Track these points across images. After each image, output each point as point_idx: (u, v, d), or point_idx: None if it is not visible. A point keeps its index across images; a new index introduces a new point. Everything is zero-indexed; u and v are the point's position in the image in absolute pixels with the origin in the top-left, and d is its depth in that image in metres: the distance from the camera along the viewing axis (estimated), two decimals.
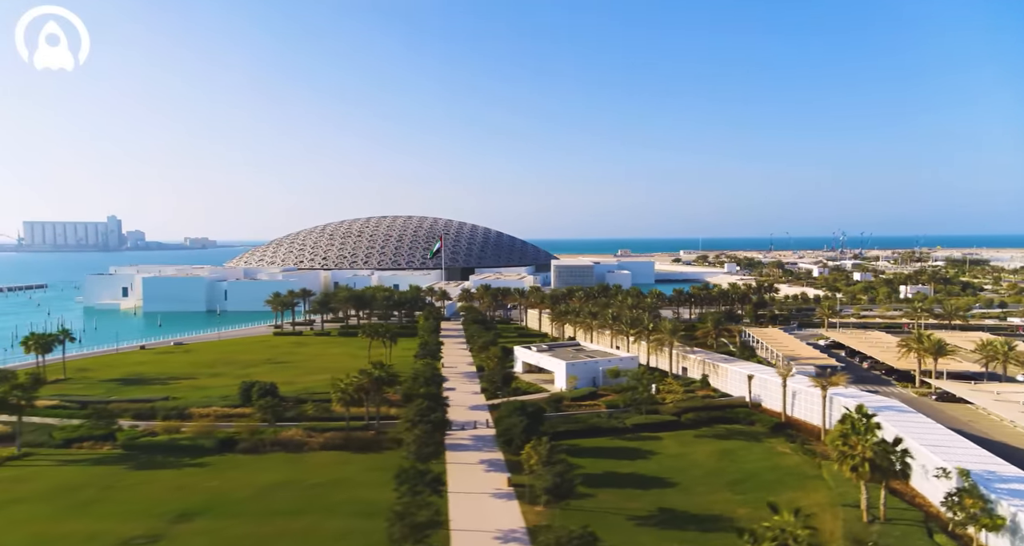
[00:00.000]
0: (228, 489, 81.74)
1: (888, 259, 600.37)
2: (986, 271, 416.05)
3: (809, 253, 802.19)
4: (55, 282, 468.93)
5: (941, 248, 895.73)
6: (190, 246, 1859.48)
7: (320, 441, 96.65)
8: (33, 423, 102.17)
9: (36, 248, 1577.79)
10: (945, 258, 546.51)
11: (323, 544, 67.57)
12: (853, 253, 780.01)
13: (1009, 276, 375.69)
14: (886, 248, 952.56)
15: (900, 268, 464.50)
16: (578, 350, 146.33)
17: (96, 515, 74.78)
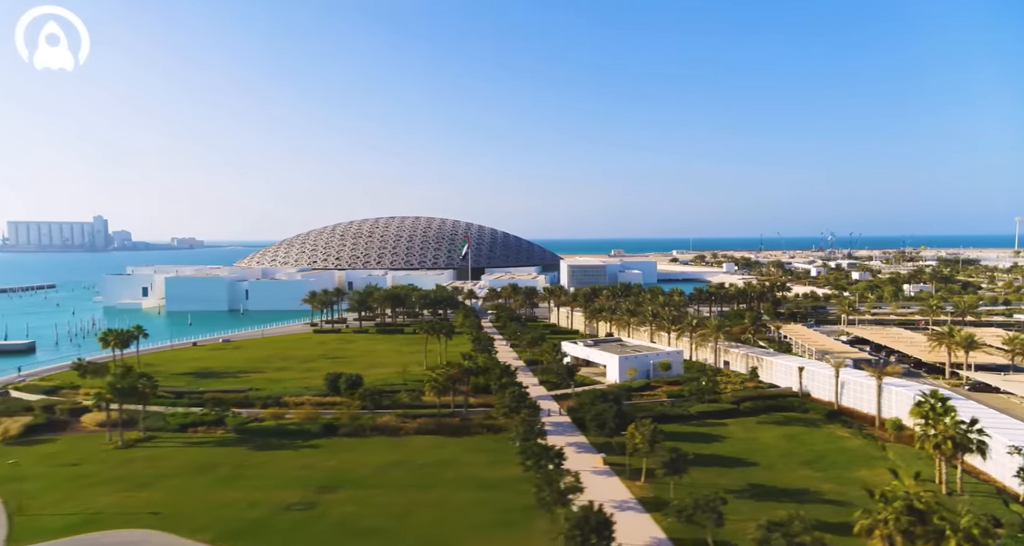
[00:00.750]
0: (349, 467, 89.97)
1: (879, 259, 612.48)
2: (980, 270, 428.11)
3: (799, 253, 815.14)
4: (62, 282, 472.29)
5: (926, 248, 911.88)
6: (178, 246, 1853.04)
7: (414, 426, 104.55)
8: (133, 409, 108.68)
9: (20, 248, 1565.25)
10: (937, 258, 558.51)
11: (460, 512, 75.49)
12: (843, 253, 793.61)
13: (1003, 275, 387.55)
14: (873, 248, 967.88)
15: (894, 268, 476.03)
16: (622, 345, 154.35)
17: (245, 487, 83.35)
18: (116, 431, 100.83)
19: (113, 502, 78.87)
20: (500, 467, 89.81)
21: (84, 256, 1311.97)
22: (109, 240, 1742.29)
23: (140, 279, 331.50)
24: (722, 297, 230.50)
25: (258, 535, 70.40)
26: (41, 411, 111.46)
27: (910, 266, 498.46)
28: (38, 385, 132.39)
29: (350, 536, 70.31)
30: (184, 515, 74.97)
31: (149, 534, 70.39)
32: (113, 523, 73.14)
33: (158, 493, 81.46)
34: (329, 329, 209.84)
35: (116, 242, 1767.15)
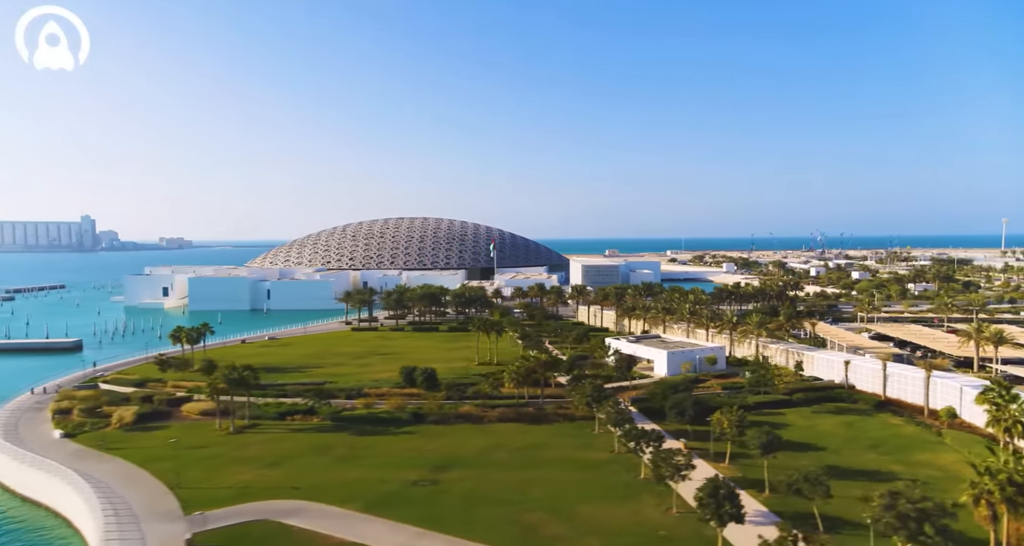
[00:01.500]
0: (452, 450, 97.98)
1: (873, 259, 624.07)
2: (975, 270, 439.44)
3: (792, 253, 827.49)
4: (70, 283, 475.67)
5: (911, 248, 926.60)
6: (166, 246, 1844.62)
7: (495, 415, 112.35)
8: (229, 400, 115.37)
9: (6, 249, 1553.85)
10: (931, 258, 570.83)
11: (569, 487, 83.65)
12: (835, 253, 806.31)
13: (998, 274, 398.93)
14: (861, 248, 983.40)
15: (889, 267, 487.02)
16: (663, 341, 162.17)
17: (365, 466, 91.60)
18: (226, 419, 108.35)
19: (253, 478, 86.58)
20: (587, 451, 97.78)
21: (73, 256, 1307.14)
22: (97, 240, 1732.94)
23: (160, 279, 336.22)
24: (741, 296, 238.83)
25: (399, 505, 78.18)
26: (140, 401, 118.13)
27: (903, 266, 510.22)
28: (125, 378, 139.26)
29: (480, 505, 78.25)
30: (322, 489, 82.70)
31: (305, 504, 77.92)
32: (263, 495, 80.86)
33: (289, 471, 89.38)
34: (366, 327, 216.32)
35: (104, 242, 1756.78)
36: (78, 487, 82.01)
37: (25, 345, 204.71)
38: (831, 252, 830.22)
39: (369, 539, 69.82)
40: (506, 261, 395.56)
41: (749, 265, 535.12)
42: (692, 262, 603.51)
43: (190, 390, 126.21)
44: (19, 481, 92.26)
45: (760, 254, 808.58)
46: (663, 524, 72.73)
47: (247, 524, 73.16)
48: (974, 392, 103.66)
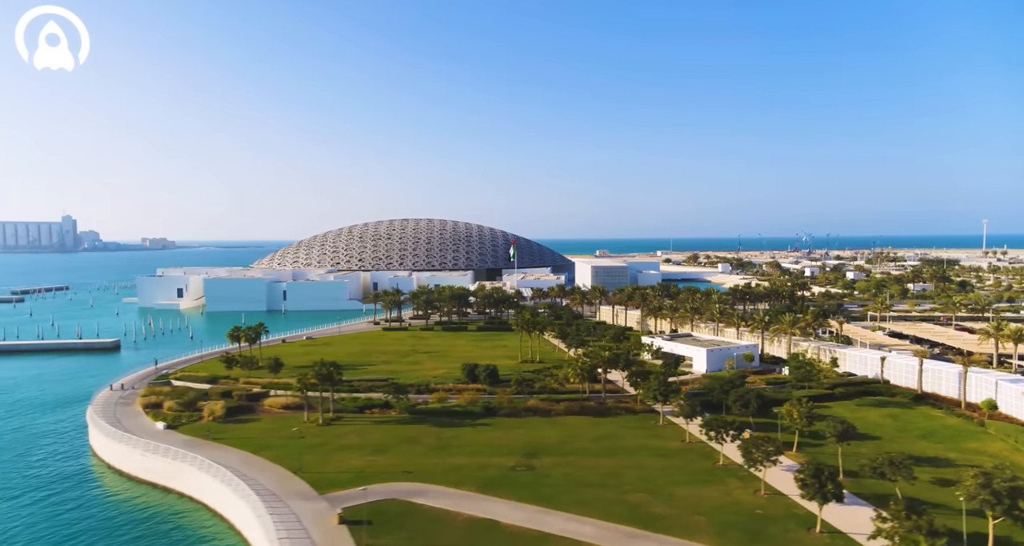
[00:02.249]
0: (533, 440, 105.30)
1: (863, 259, 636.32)
2: (965, 270, 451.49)
3: (779, 253, 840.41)
4: (72, 284, 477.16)
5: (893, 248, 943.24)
6: (150, 247, 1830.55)
7: (561, 408, 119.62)
8: (311, 395, 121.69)
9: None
10: (919, 259, 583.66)
11: (657, 472, 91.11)
12: (821, 253, 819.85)
13: (988, 274, 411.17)
14: (846, 248, 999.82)
15: (880, 268, 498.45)
16: (695, 340, 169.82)
17: (460, 454, 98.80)
18: (313, 412, 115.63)
19: (364, 464, 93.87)
20: (658, 440, 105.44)
21: (56, 257, 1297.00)
22: (78, 240, 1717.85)
23: (173, 280, 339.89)
24: (755, 296, 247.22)
25: (508, 487, 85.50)
26: (219, 396, 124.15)
27: (892, 266, 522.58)
28: (195, 375, 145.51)
29: (582, 488, 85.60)
30: (431, 474, 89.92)
31: (423, 486, 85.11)
32: (380, 479, 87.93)
33: (394, 458, 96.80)
34: (396, 327, 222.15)
35: (86, 242, 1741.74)
36: (214, 471, 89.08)
37: (66, 345, 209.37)
38: (818, 252, 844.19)
39: (496, 516, 76.87)
40: (516, 263, 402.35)
41: (743, 265, 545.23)
42: (686, 263, 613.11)
43: (264, 386, 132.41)
44: (144, 468, 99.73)
45: (747, 254, 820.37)
46: (756, 504, 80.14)
47: (381, 502, 79.98)
48: (1011, 386, 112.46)
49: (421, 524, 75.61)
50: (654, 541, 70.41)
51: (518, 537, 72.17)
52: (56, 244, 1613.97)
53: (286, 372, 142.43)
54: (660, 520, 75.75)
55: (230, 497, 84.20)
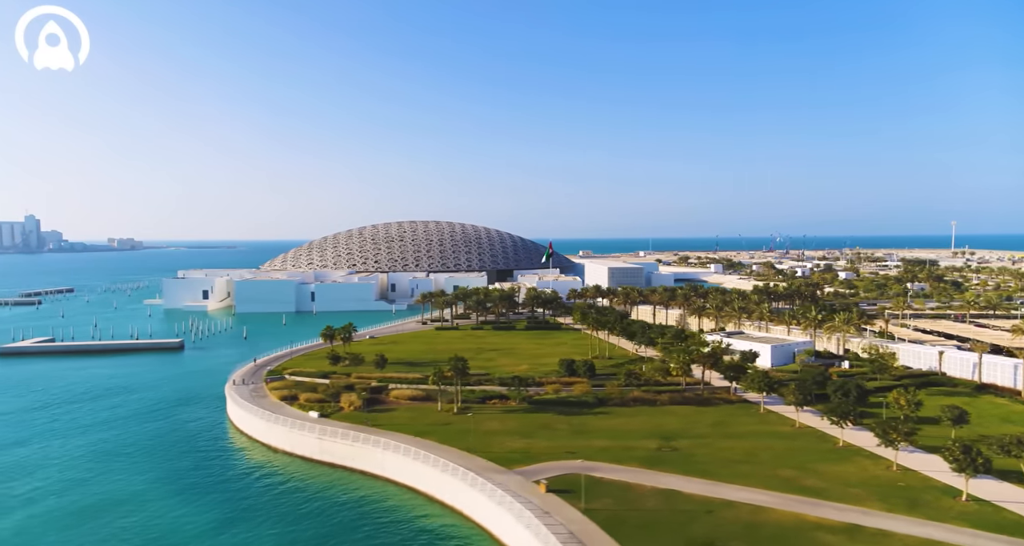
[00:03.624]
0: (658, 426, 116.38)
1: (844, 259, 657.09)
2: (948, 270, 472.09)
3: (759, 253, 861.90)
4: (79, 286, 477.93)
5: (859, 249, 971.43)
6: (119, 247, 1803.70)
7: (665, 399, 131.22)
8: (431, 388, 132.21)
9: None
10: (901, 259, 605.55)
11: (789, 452, 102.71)
12: (797, 253, 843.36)
13: (972, 274, 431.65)
14: (818, 248, 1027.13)
15: (868, 268, 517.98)
16: (749, 337, 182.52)
17: (602, 438, 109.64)
18: (447, 403, 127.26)
19: (524, 446, 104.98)
20: (770, 426, 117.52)
21: (21, 258, 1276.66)
22: (42, 241, 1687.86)
23: (198, 282, 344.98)
24: (778, 295, 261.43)
25: (666, 464, 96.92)
26: (344, 389, 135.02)
27: (874, 266, 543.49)
28: (306, 371, 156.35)
29: (731, 465, 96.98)
30: (587, 453, 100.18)
31: (590, 463, 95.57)
32: (547, 458, 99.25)
33: (547, 440, 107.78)
34: (449, 326, 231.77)
35: (51, 243, 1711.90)
36: (403, 451, 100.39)
37: (135, 345, 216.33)
38: (794, 252, 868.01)
39: (673, 487, 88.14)
40: (522, 264, 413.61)
41: (733, 266, 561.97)
42: (677, 263, 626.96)
43: (380, 380, 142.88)
44: (321, 450, 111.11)
45: (726, 254, 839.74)
46: (894, 478, 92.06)
47: (566, 476, 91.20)
48: None
49: (614, 492, 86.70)
50: (831, 508, 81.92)
51: (706, 503, 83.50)
52: (19, 245, 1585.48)
53: (364, 368, 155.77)
54: (822, 491, 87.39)
55: (428, 472, 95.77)
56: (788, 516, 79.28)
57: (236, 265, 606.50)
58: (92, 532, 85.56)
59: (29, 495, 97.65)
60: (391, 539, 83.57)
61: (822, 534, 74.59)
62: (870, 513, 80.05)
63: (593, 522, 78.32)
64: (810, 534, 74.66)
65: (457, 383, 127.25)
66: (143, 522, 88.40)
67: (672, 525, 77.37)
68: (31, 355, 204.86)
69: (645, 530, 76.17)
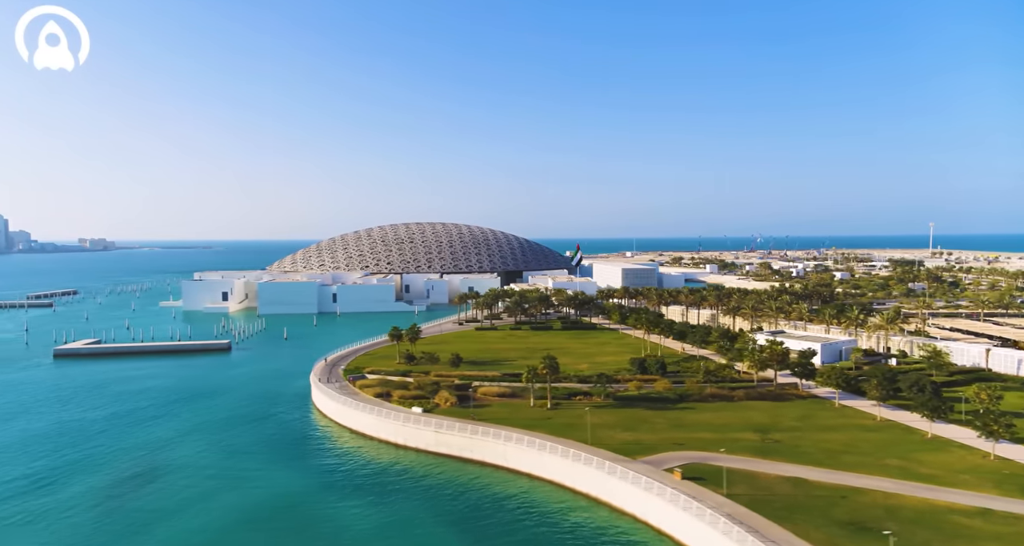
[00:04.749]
0: (748, 419, 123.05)
1: (832, 259, 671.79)
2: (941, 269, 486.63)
3: (741, 253, 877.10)
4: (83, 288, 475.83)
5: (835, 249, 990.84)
6: (91, 248, 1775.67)
7: (741, 395, 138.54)
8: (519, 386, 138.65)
9: None
10: (889, 259, 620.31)
11: (885, 444, 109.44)
12: (779, 253, 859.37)
13: (962, 274, 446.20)
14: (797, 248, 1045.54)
15: (862, 269, 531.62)
16: (790, 336, 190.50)
17: (703, 430, 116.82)
18: (539, 400, 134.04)
19: (632, 438, 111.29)
20: (851, 419, 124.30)
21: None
22: (11, 241, 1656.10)
23: (217, 284, 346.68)
24: (798, 295, 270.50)
25: (776, 454, 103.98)
26: (431, 386, 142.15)
27: (862, 266, 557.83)
28: (386, 369, 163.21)
29: (835, 455, 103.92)
30: (695, 445, 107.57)
31: (704, 453, 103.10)
32: (662, 449, 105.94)
33: (650, 434, 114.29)
34: (489, 327, 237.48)
35: (20, 243, 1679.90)
36: (527, 443, 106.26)
37: (184, 347, 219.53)
38: (777, 252, 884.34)
39: (794, 474, 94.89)
40: (531, 265, 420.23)
41: (727, 266, 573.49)
42: (670, 264, 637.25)
43: (463, 378, 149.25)
44: (438, 442, 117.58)
45: (709, 254, 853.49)
46: (996, 467, 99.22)
47: (689, 465, 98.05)
48: None
49: (744, 480, 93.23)
50: (954, 493, 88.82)
51: (835, 490, 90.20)
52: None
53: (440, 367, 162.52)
54: (936, 478, 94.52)
55: (558, 462, 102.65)
56: (918, 501, 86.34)
57: (217, 266, 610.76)
58: (292, 526, 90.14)
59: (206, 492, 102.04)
60: (549, 531, 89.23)
61: (957, 517, 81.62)
62: (993, 498, 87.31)
63: (741, 506, 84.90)
64: (946, 517, 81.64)
65: (549, 380, 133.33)
66: (324, 517, 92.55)
67: (815, 509, 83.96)
68: (85, 356, 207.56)
69: (793, 512, 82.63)
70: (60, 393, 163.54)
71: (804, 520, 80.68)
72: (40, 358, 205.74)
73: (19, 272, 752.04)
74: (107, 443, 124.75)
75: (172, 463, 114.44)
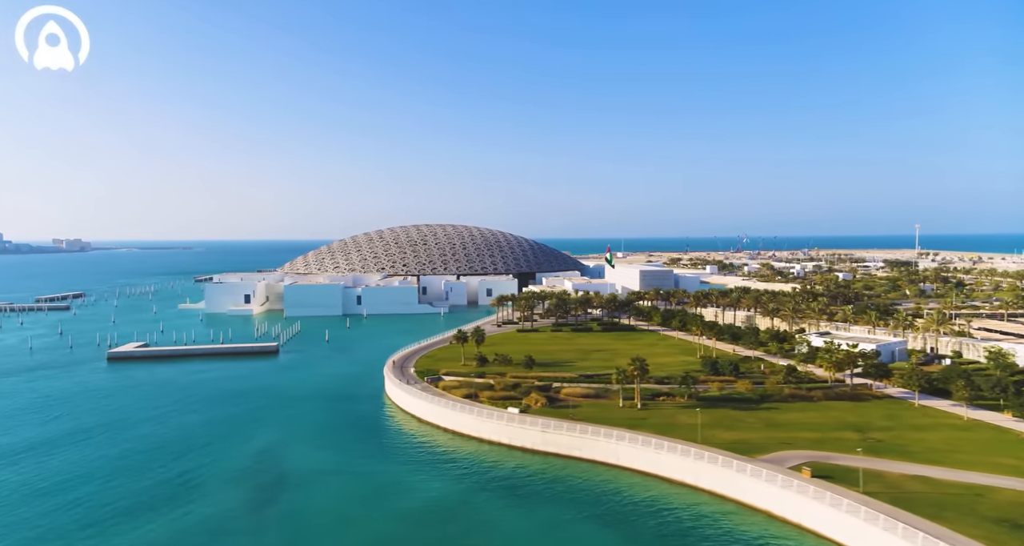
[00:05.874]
0: (837, 419, 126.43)
1: (826, 259, 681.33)
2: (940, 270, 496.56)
3: (731, 254, 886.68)
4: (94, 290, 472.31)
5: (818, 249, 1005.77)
6: (67, 249, 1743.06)
7: (819, 395, 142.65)
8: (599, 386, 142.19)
9: None
10: (884, 261, 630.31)
11: (986, 443, 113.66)
12: (768, 254, 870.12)
13: (960, 275, 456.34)
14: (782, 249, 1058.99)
15: (847, 267, 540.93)
16: (833, 337, 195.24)
17: (799, 430, 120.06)
18: (626, 400, 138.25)
19: (737, 438, 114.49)
20: (937, 418, 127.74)
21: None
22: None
23: (238, 287, 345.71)
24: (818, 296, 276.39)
25: (885, 452, 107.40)
26: (511, 387, 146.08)
27: (858, 267, 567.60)
28: (459, 370, 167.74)
29: (944, 453, 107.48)
30: (801, 444, 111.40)
31: (815, 452, 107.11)
32: (773, 448, 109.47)
33: (749, 433, 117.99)
34: (530, 329, 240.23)
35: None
36: (642, 442, 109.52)
37: (235, 349, 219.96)
38: (765, 253, 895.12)
39: (921, 473, 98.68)
40: (544, 266, 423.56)
41: (725, 267, 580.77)
42: (668, 265, 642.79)
43: (544, 379, 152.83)
44: (544, 441, 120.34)
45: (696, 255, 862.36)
46: None
47: (810, 463, 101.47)
48: None
49: (870, 478, 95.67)
50: None
51: (966, 488, 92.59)
52: None
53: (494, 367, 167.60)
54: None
55: (678, 461, 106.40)
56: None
57: (203, 267, 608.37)
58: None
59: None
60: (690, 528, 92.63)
61: None
62: None
63: (884, 503, 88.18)
64: None
65: (638, 381, 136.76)
66: (485, 519, 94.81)
67: (961, 507, 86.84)
68: (139, 359, 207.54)
69: (941, 510, 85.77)
70: (146, 398, 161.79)
71: (955, 518, 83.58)
72: (94, 361, 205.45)
73: (8, 276, 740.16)
74: (225, 449, 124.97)
75: (303, 468, 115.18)
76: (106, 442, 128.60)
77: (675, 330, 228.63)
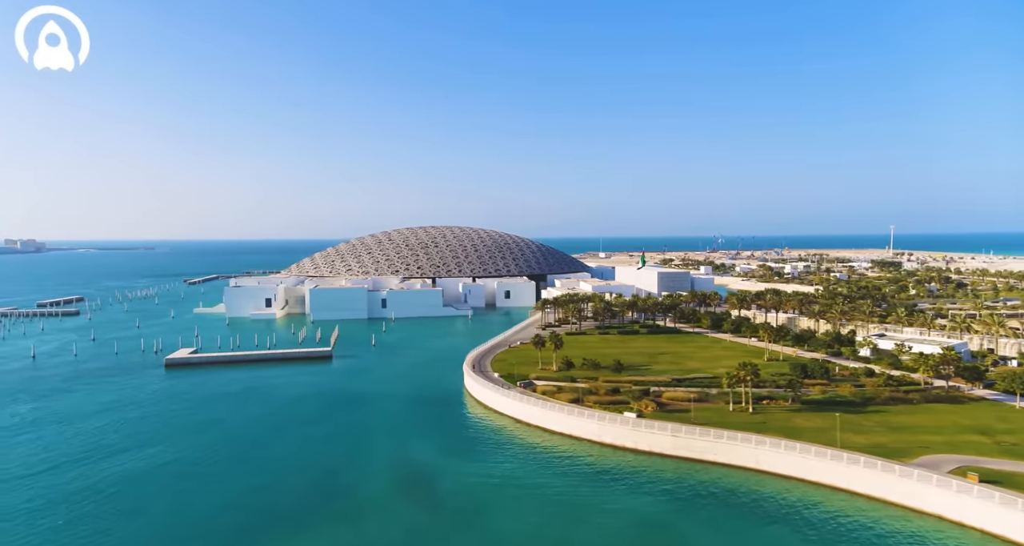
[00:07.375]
0: (952, 423, 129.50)
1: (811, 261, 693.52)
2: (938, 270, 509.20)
3: (717, 254, 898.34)
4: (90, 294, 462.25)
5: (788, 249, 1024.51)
6: (22, 249, 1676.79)
7: (917, 397, 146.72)
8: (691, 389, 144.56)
9: None
10: (871, 260, 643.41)
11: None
12: (747, 253, 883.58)
13: (955, 275, 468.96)
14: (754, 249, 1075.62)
15: (861, 270, 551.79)
16: (889, 338, 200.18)
17: (922, 433, 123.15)
18: (736, 404, 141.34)
19: (868, 442, 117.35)
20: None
21: None
22: None
23: (259, 291, 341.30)
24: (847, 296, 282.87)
25: (1015, 453, 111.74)
26: (610, 392, 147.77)
27: (843, 266, 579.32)
28: (550, 375, 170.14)
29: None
30: (936, 447, 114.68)
31: (959, 456, 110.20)
32: (908, 453, 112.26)
33: (875, 437, 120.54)
34: (578, 332, 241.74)
35: None
36: (785, 446, 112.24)
37: (287, 355, 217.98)
38: (744, 253, 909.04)
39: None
40: (554, 268, 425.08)
41: (719, 268, 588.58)
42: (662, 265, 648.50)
43: (641, 384, 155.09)
44: (675, 446, 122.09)
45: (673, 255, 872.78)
46: None
47: (963, 468, 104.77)
48: None
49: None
50: None
51: None
52: None
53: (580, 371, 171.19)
54: None
55: (823, 464, 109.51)
56: None
57: (174, 268, 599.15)
58: None
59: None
60: None
61: None
62: None
63: None
64: None
65: (748, 385, 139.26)
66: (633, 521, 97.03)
67: None
68: (195, 366, 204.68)
69: None
70: (243, 408, 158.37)
71: None
72: (152, 368, 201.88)
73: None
74: (351, 456, 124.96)
75: (438, 473, 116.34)
76: (258, 466, 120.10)
77: (726, 333, 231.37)
